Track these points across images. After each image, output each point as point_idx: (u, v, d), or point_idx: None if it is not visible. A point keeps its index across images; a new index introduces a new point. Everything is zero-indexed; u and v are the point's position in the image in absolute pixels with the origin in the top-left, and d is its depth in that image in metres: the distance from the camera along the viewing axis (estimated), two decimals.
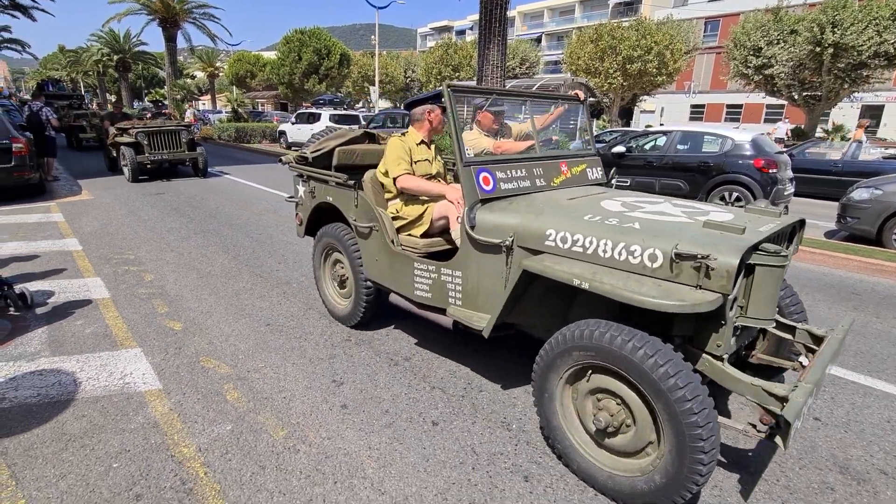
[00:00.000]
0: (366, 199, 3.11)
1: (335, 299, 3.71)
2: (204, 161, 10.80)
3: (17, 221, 6.51)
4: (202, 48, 48.31)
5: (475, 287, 2.59)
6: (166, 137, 10.19)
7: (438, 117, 3.20)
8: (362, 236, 3.19)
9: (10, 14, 22.63)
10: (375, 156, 3.60)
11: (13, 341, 3.29)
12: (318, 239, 3.66)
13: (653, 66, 22.97)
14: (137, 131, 9.86)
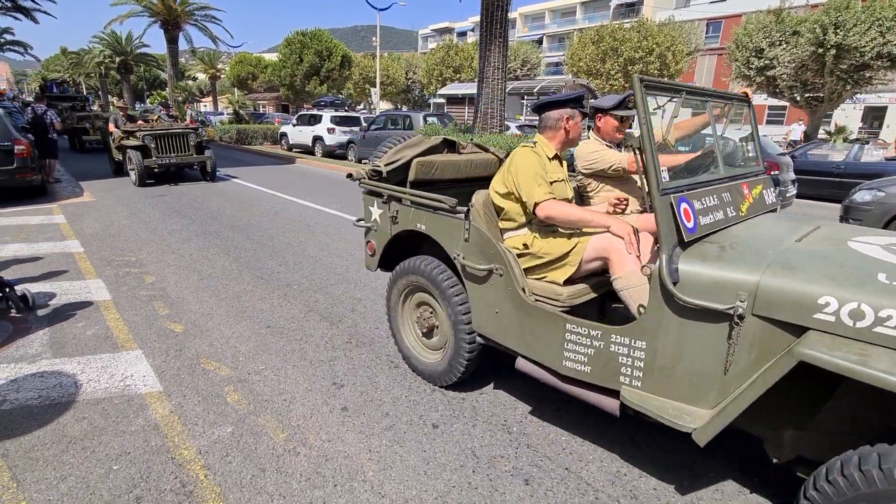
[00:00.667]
0: (481, 231, 2.40)
1: (418, 351, 2.99)
2: (212, 165, 10.59)
3: (19, 223, 6.52)
4: (204, 50, 48.47)
5: (669, 365, 1.89)
6: (174, 140, 10.00)
7: (578, 127, 2.53)
8: (473, 279, 2.49)
9: (13, 16, 22.77)
10: (456, 169, 3.09)
11: (14, 343, 3.30)
12: (398, 276, 2.94)
13: (654, 68, 22.97)
14: (144, 134, 9.67)
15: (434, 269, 2.69)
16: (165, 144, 9.87)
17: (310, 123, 16.91)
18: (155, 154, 9.69)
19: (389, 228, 2.95)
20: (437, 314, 2.82)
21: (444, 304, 2.67)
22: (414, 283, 2.86)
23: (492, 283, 2.40)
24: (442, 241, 2.61)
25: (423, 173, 2.92)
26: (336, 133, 15.94)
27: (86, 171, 11.54)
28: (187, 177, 11.04)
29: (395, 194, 2.83)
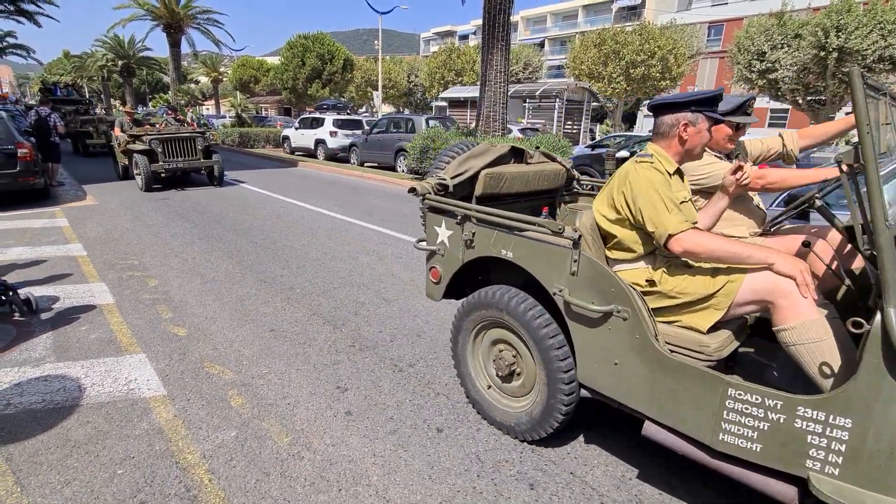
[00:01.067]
0: (597, 264, 1.95)
1: (494, 397, 2.55)
2: (220, 169, 10.38)
3: (22, 227, 6.54)
4: (206, 53, 48.68)
5: (888, 450, 1.45)
6: (181, 145, 9.82)
7: (699, 137, 2.04)
8: (581, 321, 2.04)
9: (16, 20, 22.89)
10: (524, 181, 2.79)
11: (18, 347, 3.30)
12: (471, 308, 2.49)
13: (656, 71, 23.01)
14: (151, 138, 9.46)
15: (522, 304, 2.23)
16: (172, 149, 9.70)
17: (312, 127, 16.95)
18: (162, 158, 9.53)
19: (462, 253, 2.52)
20: (521, 357, 2.38)
21: (533, 346, 2.24)
22: (492, 319, 2.42)
23: (609, 326, 1.95)
24: (537, 273, 2.16)
25: (491, 186, 2.62)
26: (338, 136, 15.97)
27: (89, 175, 11.58)
28: (194, 181, 10.92)
29: (472, 213, 2.38)
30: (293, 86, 30.16)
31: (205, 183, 10.68)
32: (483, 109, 11.08)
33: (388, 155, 13.85)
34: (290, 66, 29.80)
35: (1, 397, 2.72)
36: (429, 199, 2.60)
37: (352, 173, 13.26)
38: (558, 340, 2.16)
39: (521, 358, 2.39)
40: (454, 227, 2.53)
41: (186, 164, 9.91)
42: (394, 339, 3.56)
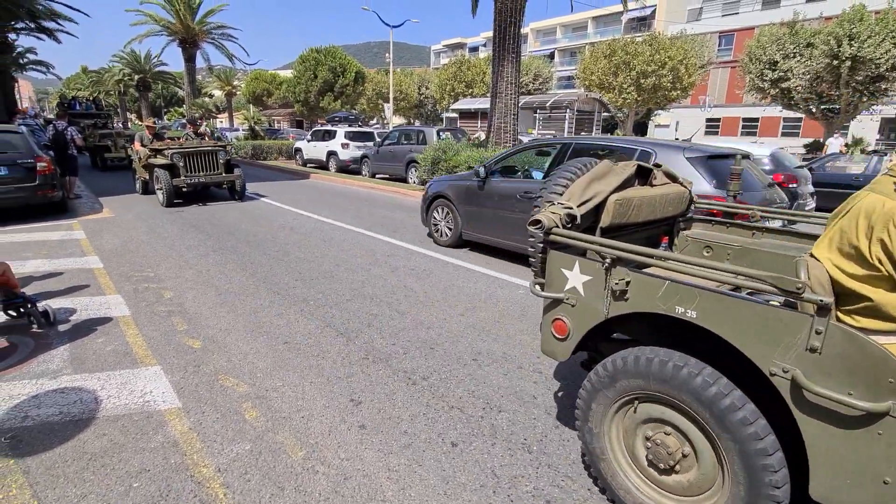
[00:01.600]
0: (863, 340, 1.40)
1: (644, 491, 1.98)
2: (241, 184, 10.16)
3: (40, 239, 6.66)
4: (220, 67, 49.57)
5: None
6: (203, 159, 9.61)
7: None
8: (827, 417, 1.49)
9: (36, 36, 23.54)
10: (651, 207, 2.41)
11: (36, 359, 3.34)
12: (620, 375, 1.93)
13: (667, 81, 22.99)
14: (173, 152, 9.28)
15: (713, 387, 1.67)
16: (194, 163, 9.50)
17: (324, 139, 17.14)
18: (183, 173, 9.34)
19: (606, 306, 1.98)
20: (695, 450, 1.81)
21: (725, 444, 1.68)
22: (651, 392, 1.86)
23: (881, 430, 1.40)
24: (740, 342, 1.62)
25: (620, 215, 2.20)
26: (350, 148, 16.12)
27: (106, 188, 11.79)
28: (214, 196, 10.68)
29: (629, 256, 1.86)
30: (305, 98, 30.59)
31: (225, 197, 10.48)
32: (494, 121, 11.13)
33: (399, 166, 13.94)
34: (303, 79, 30.26)
35: (19, 409, 2.74)
36: (556, 233, 2.07)
37: (363, 185, 13.35)
38: (769, 444, 1.58)
39: (696, 451, 1.81)
40: (595, 271, 1.99)
41: (208, 179, 9.71)
42: (407, 351, 3.54)
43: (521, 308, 4.42)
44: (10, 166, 7.49)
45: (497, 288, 4.97)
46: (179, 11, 29.78)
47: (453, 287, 4.97)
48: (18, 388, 2.96)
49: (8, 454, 2.38)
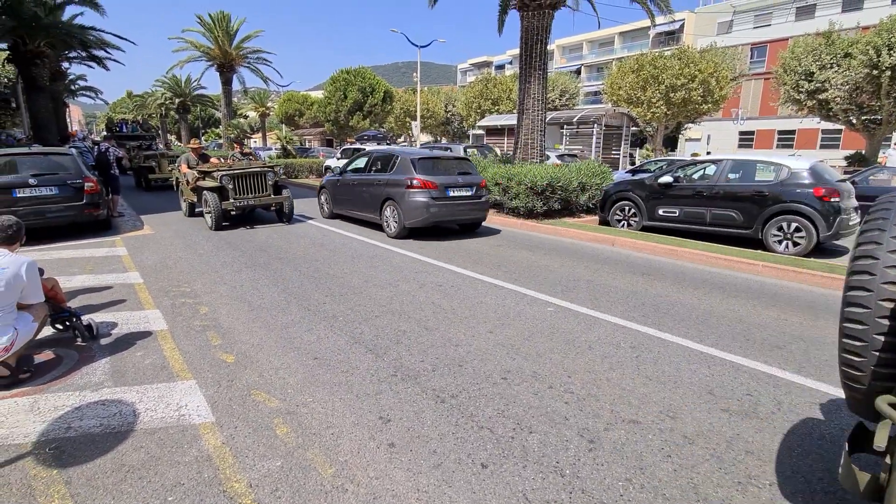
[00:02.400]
0: None
1: None
2: (290, 206, 9.79)
3: (86, 255, 6.98)
4: (255, 89, 51.52)
5: None
6: (252, 181, 9.25)
7: None
8: None
9: (87, 64, 25.09)
10: None
11: (80, 371, 3.47)
12: None
13: (697, 94, 22.62)
14: (222, 174, 8.93)
15: None
16: (243, 185, 9.14)
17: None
18: (232, 195, 8.96)
19: None
20: None
21: None
22: None
23: None
24: None
25: None
26: None
27: (146, 206, 12.29)
28: (261, 218, 10.36)
29: None
30: (335, 118, 31.38)
31: (272, 220, 10.15)
32: (521, 137, 11.15)
33: None
34: (333, 99, 31.09)
35: (63, 420, 2.84)
36: None
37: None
38: None
39: None
40: None
41: (257, 201, 9.32)
42: (436, 368, 3.52)
43: (550, 326, 4.35)
44: (61, 186, 7.91)
45: (525, 305, 4.92)
46: (218, 38, 31.19)
47: (481, 304, 4.94)
48: (63, 399, 3.08)
49: (51, 465, 2.46)
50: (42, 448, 2.59)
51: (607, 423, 2.82)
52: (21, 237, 3.43)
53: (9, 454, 2.54)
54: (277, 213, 10.05)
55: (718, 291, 5.53)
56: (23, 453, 2.55)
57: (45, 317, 3.61)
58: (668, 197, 8.41)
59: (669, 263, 6.87)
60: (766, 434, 2.76)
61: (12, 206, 7.37)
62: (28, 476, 2.37)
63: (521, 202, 9.75)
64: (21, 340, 3.25)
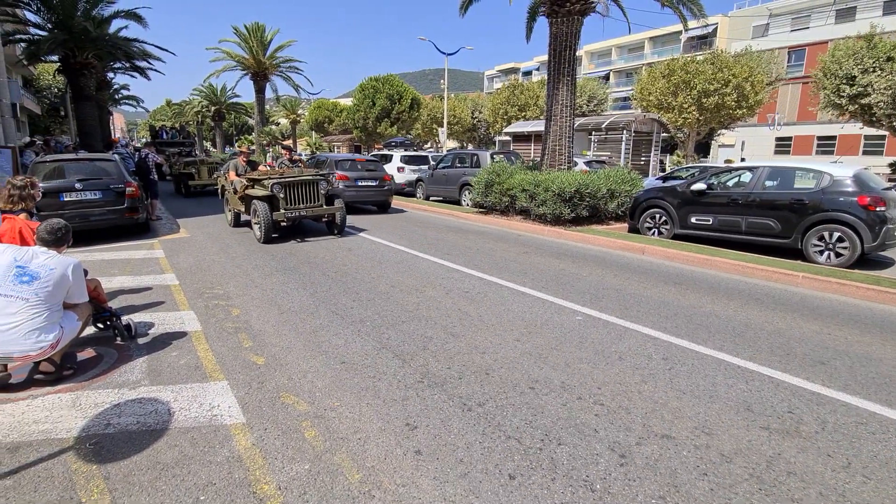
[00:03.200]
0: None
1: None
2: (342, 217, 9.08)
3: (125, 257, 7.25)
4: (286, 97, 52.81)
5: None
6: (304, 190, 8.59)
7: None
8: None
9: (130, 74, 26.23)
10: None
11: (119, 369, 3.59)
12: None
13: (731, 99, 22.02)
14: (274, 182, 8.30)
15: None
16: (295, 194, 8.50)
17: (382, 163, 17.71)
18: (283, 205, 8.33)
19: None
20: None
21: None
22: None
23: None
24: None
25: None
26: (405, 171, 16.54)
27: (183, 210, 12.70)
28: (310, 230, 9.65)
29: None
30: (364, 125, 31.84)
31: (321, 231, 9.49)
32: (549, 143, 11.06)
33: (452, 189, 14.11)
34: (362, 106, 31.58)
35: (102, 417, 2.94)
36: None
37: (418, 207, 13.60)
38: None
39: None
40: None
41: (309, 212, 8.61)
42: (462, 376, 3.50)
43: (579, 336, 4.27)
44: (104, 191, 8.27)
45: (553, 313, 4.85)
46: (253, 48, 32.16)
47: (508, 311, 4.90)
48: (103, 396, 3.19)
49: (91, 460, 2.55)
50: (83, 443, 2.69)
51: (639, 438, 2.74)
52: (68, 240, 3.59)
53: (52, 448, 2.64)
54: (328, 224, 9.36)
55: (755, 303, 5.33)
56: (65, 448, 2.65)
57: (89, 316, 3.76)
58: (701, 204, 8.19)
59: (702, 273, 6.68)
60: (809, 454, 2.64)
61: (59, 209, 7.74)
62: (70, 470, 2.47)
63: (548, 209, 9.66)
64: (66, 338, 3.39)
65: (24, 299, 3.17)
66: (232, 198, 9.57)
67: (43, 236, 3.43)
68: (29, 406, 3.07)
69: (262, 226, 8.16)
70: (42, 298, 3.22)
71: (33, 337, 3.17)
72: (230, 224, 10.08)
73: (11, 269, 3.22)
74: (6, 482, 2.38)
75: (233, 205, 9.70)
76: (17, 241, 3.71)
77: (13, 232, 3.78)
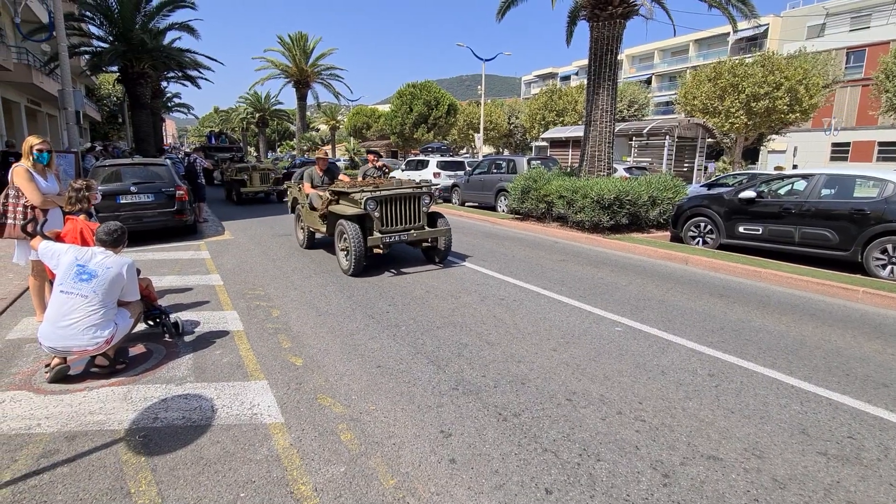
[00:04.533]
0: None
1: None
2: (447, 242, 7.02)
3: (174, 258, 7.59)
4: (326, 104, 54.21)
5: None
6: (403, 207, 6.59)
7: None
8: None
9: (182, 83, 27.60)
10: None
11: (166, 365, 3.74)
12: None
13: (783, 103, 21.01)
14: (368, 198, 6.26)
15: None
16: (392, 212, 6.51)
17: (417, 168, 17.87)
18: (378, 227, 6.37)
19: None
20: None
21: None
22: None
23: None
24: None
25: None
26: (442, 177, 16.62)
27: (227, 212, 13.19)
28: (403, 257, 7.62)
29: None
30: (401, 130, 32.25)
31: (418, 260, 7.44)
32: (588, 149, 10.86)
33: (488, 195, 14.06)
34: (399, 112, 32.02)
35: (151, 411, 3.07)
36: None
37: (453, 213, 13.62)
38: None
39: None
40: None
41: (416, 236, 6.60)
42: (497, 384, 3.45)
43: (619, 347, 4.15)
44: (156, 194, 8.70)
45: (592, 323, 4.73)
46: (296, 56, 33.21)
47: (545, 320, 4.81)
48: (152, 391, 3.33)
49: (140, 452, 2.66)
50: (133, 435, 2.81)
51: (683, 457, 2.62)
52: (124, 241, 3.78)
53: (105, 439, 2.78)
54: (427, 250, 7.22)
55: (810, 318, 5.03)
56: (117, 439, 2.78)
57: (140, 313, 3.94)
58: (749, 213, 7.82)
59: (751, 285, 6.37)
60: (870, 483, 2.45)
61: (116, 211, 8.19)
62: (120, 461, 2.58)
63: (586, 216, 9.47)
64: (120, 334, 3.56)
65: (84, 296, 3.36)
66: (308, 215, 7.70)
67: (101, 237, 3.63)
68: (85, 397, 3.24)
69: (352, 253, 6.20)
70: (99, 296, 3.40)
71: (90, 333, 3.35)
72: (302, 245, 8.24)
73: (73, 267, 3.42)
74: (64, 469, 2.51)
75: (308, 223, 7.84)
76: (78, 242, 3.93)
77: (75, 233, 4.01)
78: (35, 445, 2.72)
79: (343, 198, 6.86)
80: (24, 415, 3.03)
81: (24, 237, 4.08)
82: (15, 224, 4.22)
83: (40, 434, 2.83)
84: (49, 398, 3.23)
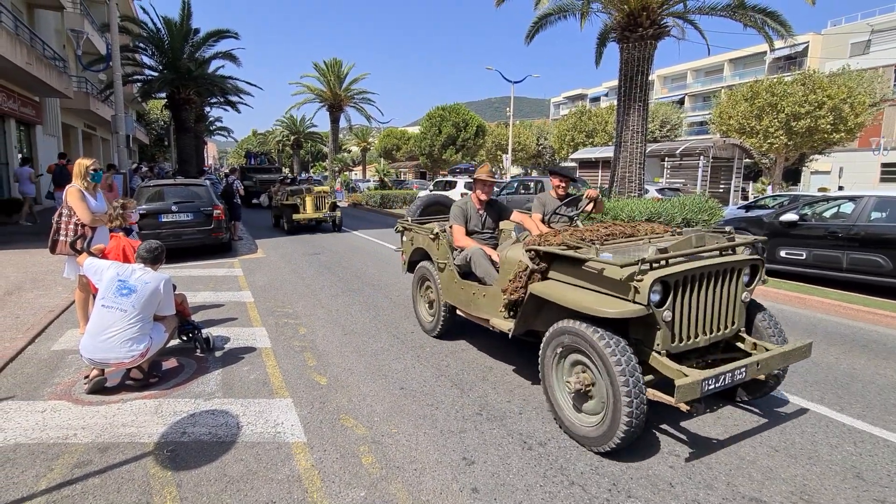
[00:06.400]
0: None
1: None
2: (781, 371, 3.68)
3: (209, 274, 7.82)
4: (358, 126, 55.67)
5: None
6: (713, 292, 3.02)
7: None
8: None
9: (223, 108, 28.93)
10: None
11: (196, 380, 3.82)
12: None
13: (826, 122, 20.27)
14: (656, 279, 2.64)
15: None
16: (696, 307, 2.94)
17: (445, 189, 18.01)
18: (666, 340, 2.96)
19: None
20: None
21: None
22: None
23: None
24: None
25: None
26: None
27: (260, 231, 13.54)
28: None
29: None
30: (430, 152, 32.71)
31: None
32: (618, 170, 10.72)
33: None
34: (429, 134, 32.54)
35: (180, 425, 3.12)
36: None
37: None
38: None
39: None
40: None
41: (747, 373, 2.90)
42: (523, 411, 3.36)
43: None
44: (195, 212, 9.05)
45: None
46: (330, 81, 34.38)
47: None
48: (181, 405, 3.39)
49: (167, 466, 2.69)
50: (161, 449, 2.85)
51: (722, 498, 2.46)
52: (163, 259, 3.92)
53: (135, 452, 2.83)
54: None
55: (862, 350, 4.72)
56: (146, 452, 2.83)
57: (175, 328, 4.05)
58: (791, 237, 7.49)
59: (794, 312, 6.05)
60: None
61: (157, 228, 8.55)
62: (148, 474, 2.62)
63: None
64: (154, 348, 3.66)
65: (123, 310, 3.48)
66: (461, 289, 4.19)
67: (142, 254, 3.78)
68: (119, 409, 3.33)
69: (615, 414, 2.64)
70: (137, 310, 3.51)
71: (127, 346, 3.46)
72: (430, 332, 4.85)
73: (114, 282, 3.56)
74: (95, 480, 2.57)
75: (457, 301, 4.30)
76: (120, 258, 4.10)
77: (118, 250, 4.19)
78: (70, 455, 2.79)
79: (566, 267, 3.16)
80: (62, 424, 3.13)
81: (73, 253, 4.28)
82: (66, 241, 4.45)
83: (76, 444, 2.91)
84: (86, 409, 3.33)
